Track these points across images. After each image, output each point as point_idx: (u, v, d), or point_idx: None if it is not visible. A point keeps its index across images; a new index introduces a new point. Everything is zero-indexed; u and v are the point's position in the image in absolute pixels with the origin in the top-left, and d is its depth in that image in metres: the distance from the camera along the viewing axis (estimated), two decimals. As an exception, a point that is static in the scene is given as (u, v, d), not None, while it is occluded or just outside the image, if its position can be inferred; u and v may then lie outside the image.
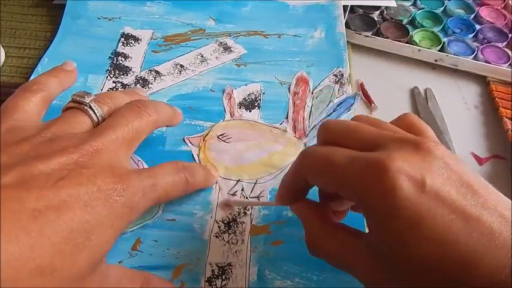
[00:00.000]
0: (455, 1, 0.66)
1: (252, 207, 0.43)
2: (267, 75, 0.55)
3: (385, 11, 0.63)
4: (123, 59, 0.55)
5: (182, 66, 0.55)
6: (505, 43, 0.60)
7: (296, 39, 0.59)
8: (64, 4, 0.61)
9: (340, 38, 0.59)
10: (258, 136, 0.48)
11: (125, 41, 0.57)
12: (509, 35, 0.61)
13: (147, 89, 0.52)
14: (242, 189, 0.44)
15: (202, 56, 0.56)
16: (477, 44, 0.60)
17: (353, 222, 0.43)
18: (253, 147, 0.47)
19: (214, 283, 0.38)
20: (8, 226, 0.25)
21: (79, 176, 0.29)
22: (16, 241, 0.25)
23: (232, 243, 0.41)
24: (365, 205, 0.28)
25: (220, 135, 0.48)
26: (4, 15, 0.61)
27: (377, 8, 0.63)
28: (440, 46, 0.59)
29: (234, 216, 0.42)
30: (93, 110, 0.36)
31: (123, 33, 0.58)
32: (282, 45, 0.58)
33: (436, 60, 0.58)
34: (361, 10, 0.63)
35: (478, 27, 0.62)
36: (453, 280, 0.25)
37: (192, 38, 0.58)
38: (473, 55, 0.58)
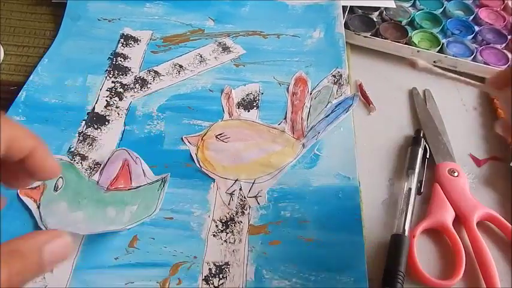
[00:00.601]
0: (454, 2, 0.66)
1: (250, 206, 0.44)
2: (266, 75, 0.55)
3: (385, 12, 0.64)
4: (122, 60, 0.56)
5: (181, 66, 0.56)
6: (504, 45, 0.61)
7: (295, 39, 0.60)
8: (64, 2, 0.62)
9: (339, 38, 0.60)
10: (256, 136, 0.49)
11: (125, 42, 0.58)
12: (508, 37, 0.61)
13: (146, 89, 0.53)
14: (240, 188, 0.45)
15: (201, 56, 0.57)
16: (476, 46, 0.60)
17: (350, 221, 0.44)
18: (251, 147, 0.48)
19: (211, 282, 0.39)
20: None
21: None
22: None
23: (229, 242, 0.42)
24: None
25: (218, 134, 0.49)
26: (4, 13, 0.62)
27: (376, 9, 0.64)
28: (439, 47, 0.60)
29: (232, 215, 0.43)
30: None
31: (122, 34, 0.59)
32: (281, 45, 0.59)
33: (435, 61, 0.59)
34: (360, 11, 0.64)
35: (477, 28, 0.63)
36: None
37: (191, 39, 0.59)
38: (472, 56, 0.59)
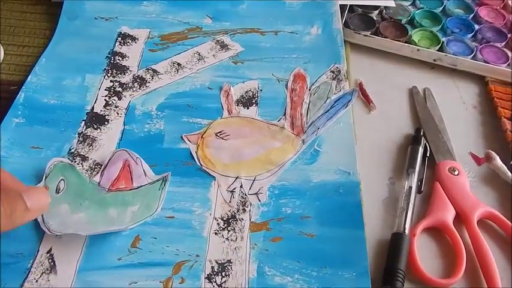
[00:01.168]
0: (454, 1, 0.67)
1: (251, 204, 0.44)
2: (264, 72, 0.56)
3: (384, 11, 0.65)
4: (120, 58, 0.56)
5: (179, 64, 0.56)
6: (504, 43, 0.61)
7: (293, 36, 0.61)
8: (63, 2, 0.62)
9: (336, 35, 0.60)
10: (256, 133, 0.50)
11: (122, 41, 0.58)
12: (508, 35, 0.62)
13: (145, 88, 0.53)
14: (241, 186, 0.45)
15: (199, 54, 0.57)
16: (476, 44, 0.61)
17: (351, 216, 0.44)
18: (251, 144, 0.49)
19: (214, 280, 0.39)
20: None
21: None
22: None
23: (231, 240, 0.42)
24: None
25: (218, 132, 0.49)
26: (3, 13, 0.62)
27: (376, 8, 0.65)
28: (439, 46, 0.60)
29: (233, 213, 0.44)
30: None
31: (120, 32, 0.59)
32: (279, 42, 0.60)
33: (435, 59, 0.59)
34: (360, 9, 0.64)
35: (477, 27, 0.63)
36: None
37: (189, 37, 0.60)
38: (472, 55, 0.60)
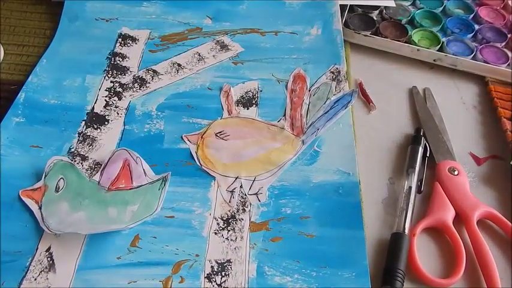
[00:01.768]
0: (454, 1, 0.68)
1: (251, 204, 0.45)
2: (264, 72, 0.57)
3: (384, 11, 0.65)
4: (120, 59, 0.57)
5: (179, 65, 0.57)
6: (504, 43, 0.62)
7: (293, 36, 0.61)
8: (63, 2, 0.63)
9: (336, 35, 0.61)
10: (256, 133, 0.50)
11: (122, 41, 0.59)
12: (508, 35, 0.63)
13: (145, 88, 0.54)
14: (241, 186, 0.46)
15: (199, 55, 0.58)
16: (476, 44, 0.62)
17: (351, 216, 0.45)
18: (251, 144, 0.49)
19: (213, 279, 0.40)
20: None
21: None
22: None
23: (231, 239, 0.42)
24: None
25: (218, 132, 0.50)
26: (3, 12, 0.63)
27: (376, 8, 0.65)
28: (439, 46, 0.61)
29: (233, 213, 0.44)
30: None
31: (120, 33, 0.60)
32: (279, 42, 0.60)
33: (435, 60, 0.60)
34: (360, 9, 0.65)
35: (477, 27, 0.64)
36: None
37: (189, 37, 0.60)
38: (472, 55, 0.60)
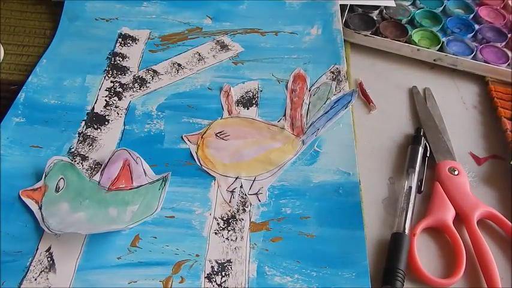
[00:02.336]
0: (454, 1, 0.68)
1: (251, 204, 0.45)
2: (265, 72, 0.57)
3: (384, 11, 0.66)
4: (120, 59, 0.57)
5: (179, 65, 0.57)
6: (504, 43, 0.62)
7: (293, 36, 0.62)
8: (63, 2, 0.63)
9: (337, 35, 0.61)
10: (256, 133, 0.51)
11: (122, 41, 0.59)
12: (508, 35, 0.63)
13: (145, 88, 0.54)
14: (241, 186, 0.46)
15: (199, 55, 0.58)
16: (476, 44, 0.62)
17: (351, 216, 0.45)
18: (251, 144, 0.50)
19: (214, 279, 0.40)
20: None
21: None
22: None
23: (231, 239, 0.43)
24: None
25: (218, 132, 0.50)
26: (3, 12, 0.63)
27: (376, 8, 0.66)
28: (439, 46, 0.61)
29: (233, 213, 0.45)
30: None
31: (120, 33, 0.60)
32: (279, 42, 0.61)
33: (435, 59, 0.60)
34: (360, 9, 0.65)
35: (477, 27, 0.64)
36: None
37: (189, 37, 0.61)
38: (472, 55, 0.60)
